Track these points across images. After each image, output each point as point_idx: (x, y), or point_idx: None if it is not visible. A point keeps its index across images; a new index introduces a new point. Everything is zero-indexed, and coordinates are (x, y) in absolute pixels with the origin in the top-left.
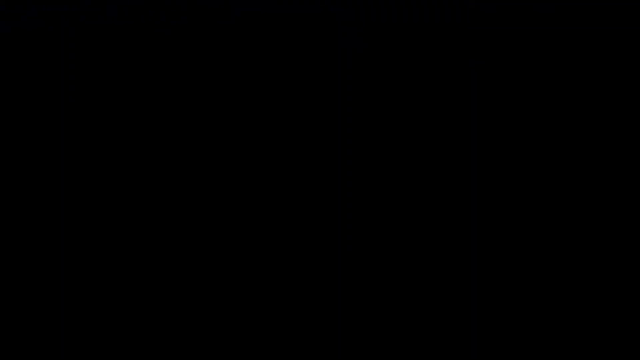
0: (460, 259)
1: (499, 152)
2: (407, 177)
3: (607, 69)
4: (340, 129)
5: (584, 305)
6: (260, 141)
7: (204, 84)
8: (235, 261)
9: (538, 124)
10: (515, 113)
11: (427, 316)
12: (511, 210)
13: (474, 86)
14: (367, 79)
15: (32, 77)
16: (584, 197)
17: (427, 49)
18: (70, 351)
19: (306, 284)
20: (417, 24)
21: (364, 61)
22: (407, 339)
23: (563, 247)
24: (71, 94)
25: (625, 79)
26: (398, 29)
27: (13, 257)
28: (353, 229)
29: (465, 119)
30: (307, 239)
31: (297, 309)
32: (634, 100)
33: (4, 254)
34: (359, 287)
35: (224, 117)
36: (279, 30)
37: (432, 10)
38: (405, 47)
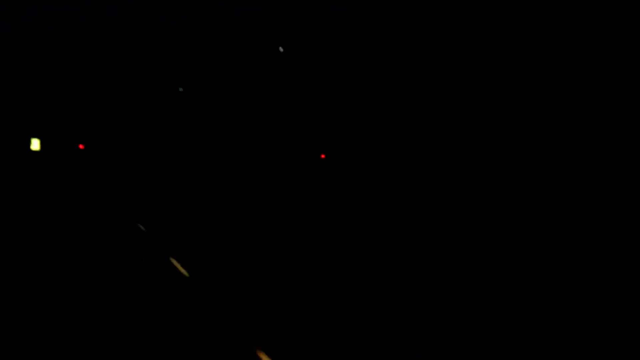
0: (460, 257)
1: (498, 151)
2: (407, 174)
3: (607, 69)
4: (340, 127)
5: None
6: (260, 139)
7: (203, 83)
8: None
9: (538, 123)
10: (515, 112)
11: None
12: (511, 209)
13: (474, 86)
14: (367, 79)
15: (32, 77)
16: (582, 193)
17: (427, 49)
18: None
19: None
20: (417, 24)
21: (364, 61)
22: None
23: (561, 243)
24: (71, 93)
25: (625, 79)
26: (398, 29)
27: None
28: (353, 229)
29: (465, 118)
30: (308, 237)
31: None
32: (633, 99)
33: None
34: (360, 278)
35: (224, 115)
36: (279, 30)
37: (432, 10)
38: (405, 47)
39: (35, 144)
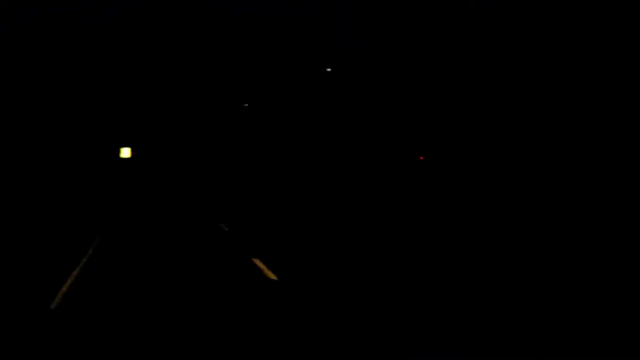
0: (460, 256)
1: (498, 151)
2: (406, 173)
3: (607, 69)
4: (340, 127)
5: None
6: (260, 138)
7: (203, 83)
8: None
9: (537, 123)
10: (515, 112)
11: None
12: (511, 209)
13: (474, 86)
14: (367, 79)
15: (32, 77)
16: (582, 193)
17: (427, 49)
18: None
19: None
20: (417, 24)
21: (364, 61)
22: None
23: (561, 243)
24: (71, 93)
25: (625, 79)
26: (398, 29)
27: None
28: (353, 228)
29: (465, 118)
30: (310, 236)
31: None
32: (633, 99)
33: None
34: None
35: (224, 115)
36: (279, 30)
37: (432, 10)
38: (405, 47)
39: (125, 152)
